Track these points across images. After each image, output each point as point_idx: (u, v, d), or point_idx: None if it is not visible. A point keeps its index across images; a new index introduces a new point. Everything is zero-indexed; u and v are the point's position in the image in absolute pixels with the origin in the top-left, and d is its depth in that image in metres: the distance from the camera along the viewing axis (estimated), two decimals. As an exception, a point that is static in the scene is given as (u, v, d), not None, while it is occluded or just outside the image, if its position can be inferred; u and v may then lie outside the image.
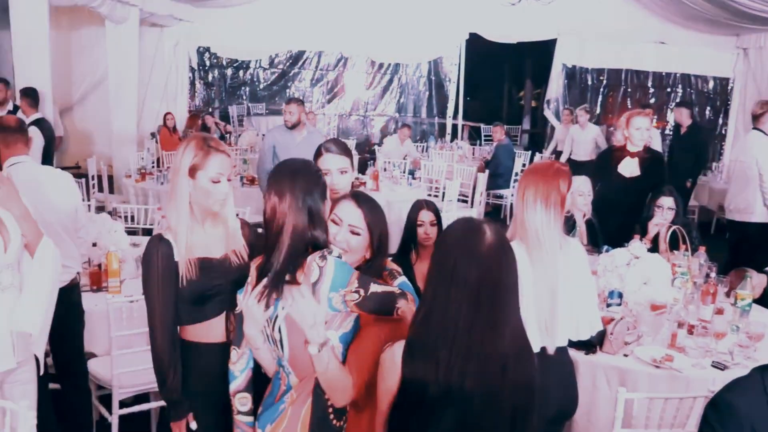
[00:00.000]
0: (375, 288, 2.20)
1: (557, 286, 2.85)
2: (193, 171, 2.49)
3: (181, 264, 2.50)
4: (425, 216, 4.20)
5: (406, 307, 2.23)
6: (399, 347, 2.01)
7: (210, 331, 2.58)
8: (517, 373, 1.97)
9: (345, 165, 3.08)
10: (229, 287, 2.54)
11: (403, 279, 2.40)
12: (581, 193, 5.02)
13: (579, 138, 10.84)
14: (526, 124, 18.97)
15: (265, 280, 2.22)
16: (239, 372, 2.43)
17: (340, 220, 2.38)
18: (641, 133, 5.29)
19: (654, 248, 4.73)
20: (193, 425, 2.59)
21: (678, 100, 13.43)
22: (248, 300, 2.25)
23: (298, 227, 2.22)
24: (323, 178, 2.35)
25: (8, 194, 2.75)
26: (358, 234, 2.37)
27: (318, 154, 3.15)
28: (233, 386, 2.43)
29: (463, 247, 1.94)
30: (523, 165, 11.19)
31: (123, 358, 3.76)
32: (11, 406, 2.56)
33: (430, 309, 1.97)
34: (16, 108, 8.31)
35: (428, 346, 1.95)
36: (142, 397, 4.12)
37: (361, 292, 2.19)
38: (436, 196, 9.30)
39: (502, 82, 20.43)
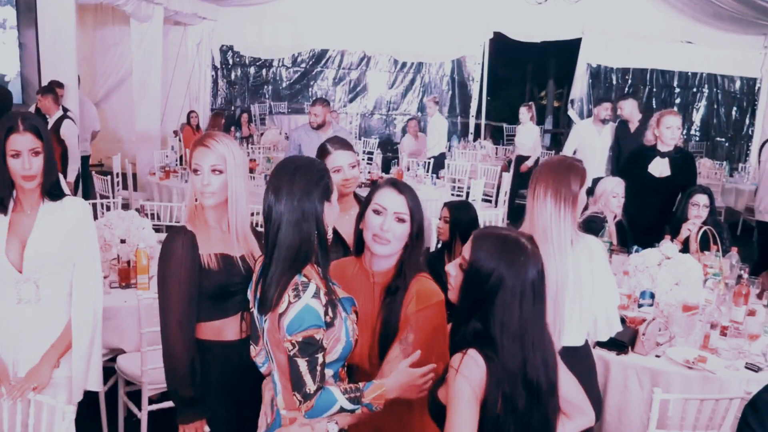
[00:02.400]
0: (303, 365, 2.06)
1: (564, 284, 2.79)
2: (189, 165, 2.60)
3: (203, 256, 2.48)
4: (443, 212, 4.26)
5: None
6: (475, 356, 1.94)
7: (225, 329, 2.53)
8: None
9: (353, 159, 3.16)
10: (246, 287, 2.45)
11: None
12: (615, 194, 4.97)
13: (429, 128, 10.41)
14: (549, 124, 18.90)
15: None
16: (261, 363, 2.43)
17: (384, 209, 2.31)
18: (672, 131, 5.25)
19: (684, 249, 4.69)
20: (207, 429, 2.51)
21: (704, 100, 13.30)
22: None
23: (290, 231, 2.11)
24: (326, 178, 2.20)
25: None
26: (404, 221, 2.31)
27: (326, 153, 3.18)
28: (262, 370, 2.44)
29: (508, 258, 1.96)
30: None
31: (152, 354, 3.76)
32: (48, 401, 2.56)
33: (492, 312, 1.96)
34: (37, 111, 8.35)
35: (507, 348, 1.94)
36: (168, 394, 4.12)
37: (297, 351, 2.06)
38: (459, 195, 9.26)
39: (524, 81, 20.37)
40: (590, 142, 7.99)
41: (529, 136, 10.34)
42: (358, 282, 2.41)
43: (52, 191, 2.71)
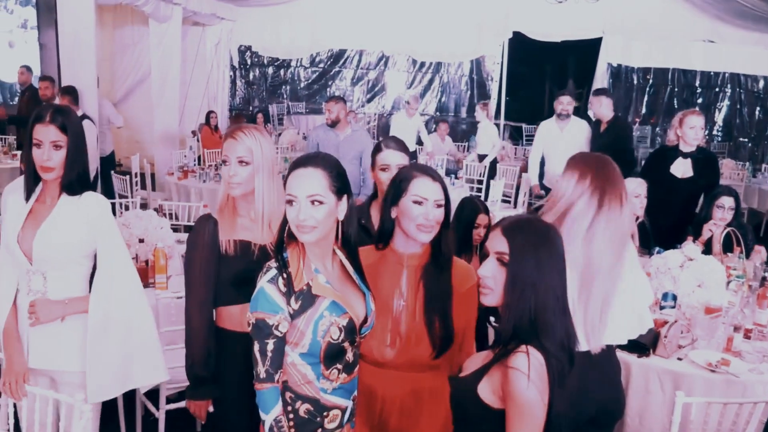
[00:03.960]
0: (255, 347, 2.17)
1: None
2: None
3: (222, 242, 2.60)
4: (482, 219, 4.13)
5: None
6: (536, 355, 1.91)
7: (244, 315, 2.55)
8: None
9: (404, 161, 3.17)
10: None
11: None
12: (637, 194, 4.91)
13: (402, 126, 10.03)
14: (568, 124, 18.74)
15: None
16: None
17: (425, 199, 2.35)
18: (695, 132, 5.17)
19: (707, 250, 4.62)
20: (211, 408, 2.66)
21: (727, 100, 13.15)
22: None
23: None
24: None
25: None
26: (442, 206, 2.37)
27: (378, 149, 3.28)
28: None
29: (545, 238, 1.98)
30: (566, 165, 10.98)
31: (170, 353, 3.75)
32: (66, 399, 2.56)
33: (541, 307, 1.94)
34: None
35: (556, 334, 1.95)
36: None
37: (251, 331, 2.18)
38: (478, 195, 9.22)
39: (544, 81, 20.21)
40: (552, 141, 7.40)
41: (485, 135, 10.31)
42: (385, 269, 2.46)
43: (71, 186, 2.72)
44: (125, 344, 2.81)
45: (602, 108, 6.96)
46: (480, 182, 9.76)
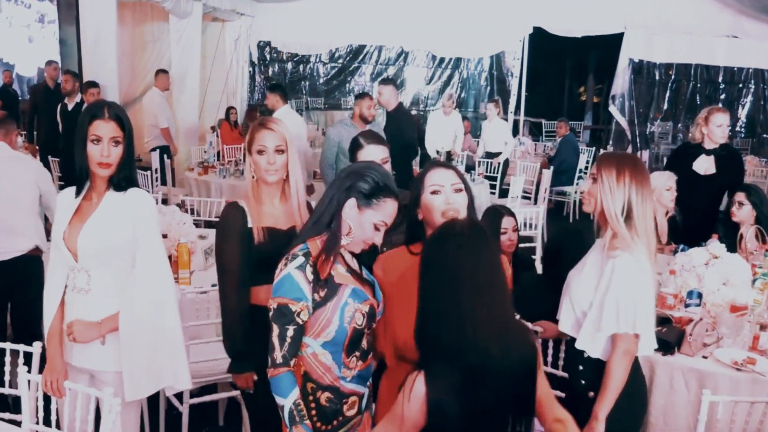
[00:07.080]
0: (275, 331, 2.24)
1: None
2: (249, 147, 2.85)
3: (254, 230, 2.78)
4: (507, 223, 4.11)
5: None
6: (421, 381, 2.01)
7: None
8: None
9: (385, 154, 3.27)
10: None
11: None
12: (668, 188, 4.86)
13: (439, 125, 10.21)
14: (588, 120, 18.65)
15: None
16: None
17: (441, 186, 2.42)
18: (722, 129, 5.13)
19: (732, 249, 4.58)
20: (255, 377, 2.77)
21: (750, 96, 12.96)
22: None
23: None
24: (367, 180, 2.33)
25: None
26: (461, 190, 2.44)
27: (359, 146, 3.36)
28: None
29: (469, 248, 2.03)
30: (587, 162, 10.93)
31: (195, 348, 3.78)
32: (95, 393, 2.58)
33: (441, 316, 2.02)
34: (82, 101, 8.50)
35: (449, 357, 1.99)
36: (209, 388, 4.15)
37: (272, 316, 2.25)
38: (493, 192, 9.19)
39: (563, 76, 20.13)
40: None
41: (496, 133, 10.31)
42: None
43: (119, 183, 2.73)
44: (155, 346, 2.78)
45: (389, 98, 7.19)
46: (494, 179, 9.67)
